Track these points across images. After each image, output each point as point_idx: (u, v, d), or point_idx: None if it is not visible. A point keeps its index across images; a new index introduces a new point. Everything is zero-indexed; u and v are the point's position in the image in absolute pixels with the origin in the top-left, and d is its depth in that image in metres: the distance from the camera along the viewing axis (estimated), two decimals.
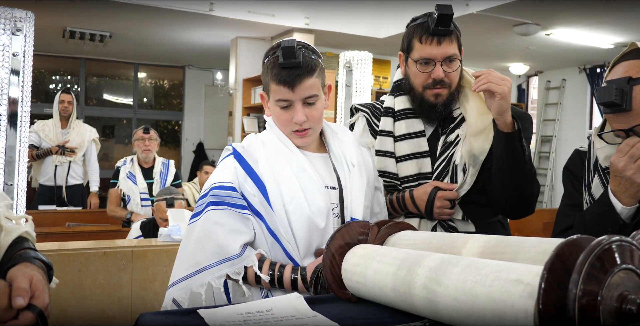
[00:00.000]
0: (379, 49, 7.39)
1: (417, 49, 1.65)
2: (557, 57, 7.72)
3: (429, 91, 1.67)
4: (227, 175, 1.41)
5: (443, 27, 1.60)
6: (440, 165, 1.71)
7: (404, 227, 1.25)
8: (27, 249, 1.13)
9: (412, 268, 0.95)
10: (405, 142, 1.74)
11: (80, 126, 5.23)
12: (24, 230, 1.18)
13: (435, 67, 1.63)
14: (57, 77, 9.11)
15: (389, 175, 1.75)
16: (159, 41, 7.45)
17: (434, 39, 1.61)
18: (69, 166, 5.11)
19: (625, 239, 0.73)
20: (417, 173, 1.72)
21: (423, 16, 1.68)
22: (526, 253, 0.94)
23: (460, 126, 1.72)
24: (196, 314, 1.00)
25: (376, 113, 1.82)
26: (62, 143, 5.03)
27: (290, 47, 1.37)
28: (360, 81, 4.78)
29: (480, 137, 1.67)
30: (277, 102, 1.43)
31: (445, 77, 1.64)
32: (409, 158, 1.73)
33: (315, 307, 1.05)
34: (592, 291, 0.68)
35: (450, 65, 1.64)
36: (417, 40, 1.65)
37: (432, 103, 1.68)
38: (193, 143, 9.46)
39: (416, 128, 1.74)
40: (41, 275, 1.04)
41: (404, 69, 1.75)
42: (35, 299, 0.98)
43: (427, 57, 1.63)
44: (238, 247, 1.35)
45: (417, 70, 1.66)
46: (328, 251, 1.16)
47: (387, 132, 1.76)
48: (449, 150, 1.71)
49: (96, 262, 2.64)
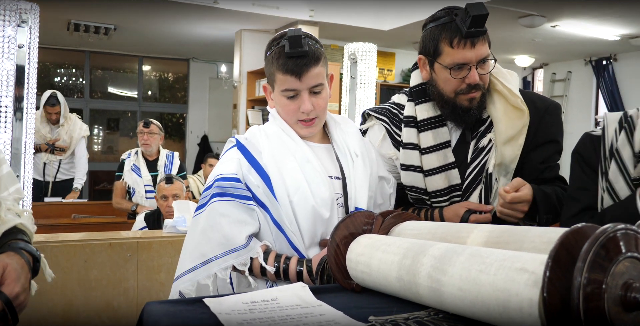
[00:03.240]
0: (383, 41, 7.38)
1: (447, 54, 1.48)
2: (562, 49, 7.68)
3: (462, 96, 1.52)
4: (231, 166, 1.42)
5: (477, 29, 1.44)
6: (472, 174, 1.59)
7: (409, 217, 1.25)
8: (18, 240, 1.15)
9: (417, 258, 0.95)
10: (433, 155, 1.59)
11: (71, 123, 5.06)
12: (19, 221, 1.20)
13: (470, 72, 1.48)
14: (62, 70, 9.12)
15: (416, 189, 1.62)
16: (164, 34, 7.45)
17: (467, 41, 1.45)
18: (59, 164, 5.03)
19: (630, 227, 0.72)
20: (448, 186, 1.59)
21: (446, 15, 1.50)
22: (531, 242, 0.94)
23: (490, 130, 1.59)
24: (202, 303, 1.00)
25: (395, 122, 1.66)
26: (52, 142, 4.94)
27: (297, 36, 1.37)
28: (365, 73, 4.78)
29: (510, 144, 1.55)
30: (284, 92, 1.42)
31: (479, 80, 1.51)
32: (438, 171, 1.59)
33: (320, 296, 1.05)
34: (597, 279, 0.68)
35: (484, 67, 1.51)
36: (446, 44, 1.48)
37: (467, 108, 1.54)
38: (197, 136, 9.48)
39: (442, 138, 1.60)
40: (20, 265, 1.07)
41: (427, 74, 1.59)
42: (4, 287, 1.01)
43: (461, 62, 1.47)
44: (244, 238, 1.36)
45: (449, 77, 1.50)
46: (332, 241, 1.17)
47: (412, 144, 1.60)
48: (480, 157, 1.58)
49: (102, 253, 2.65)
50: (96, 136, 9.45)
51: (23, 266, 1.08)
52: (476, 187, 1.58)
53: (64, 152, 5.02)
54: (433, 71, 1.56)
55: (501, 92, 1.57)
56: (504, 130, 1.55)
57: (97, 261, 2.64)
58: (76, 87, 9.07)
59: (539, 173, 1.62)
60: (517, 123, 1.55)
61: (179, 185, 3.58)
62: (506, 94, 1.57)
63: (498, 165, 1.57)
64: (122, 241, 2.73)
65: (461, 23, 1.45)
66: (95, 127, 9.41)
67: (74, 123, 5.09)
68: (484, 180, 1.58)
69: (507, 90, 1.57)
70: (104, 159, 9.37)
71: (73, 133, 5.04)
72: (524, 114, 1.56)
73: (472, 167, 1.59)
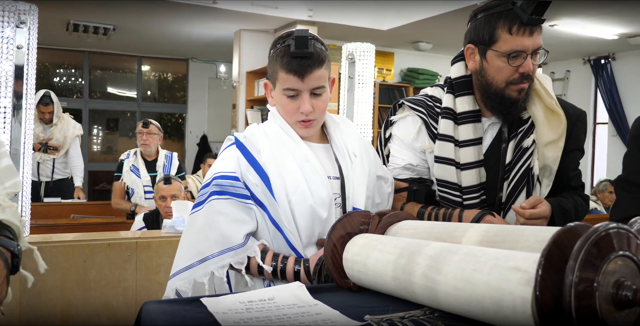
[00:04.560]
0: (382, 41, 7.38)
1: (505, 41, 1.47)
2: (561, 48, 7.68)
3: (512, 87, 1.51)
4: (229, 164, 1.42)
5: (538, 16, 1.44)
6: (518, 174, 1.58)
7: (405, 217, 1.26)
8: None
9: (412, 257, 0.96)
10: (470, 149, 1.58)
11: (64, 122, 5.04)
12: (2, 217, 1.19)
13: (525, 61, 1.47)
14: (61, 70, 9.12)
15: (447, 184, 1.60)
16: (163, 34, 7.45)
17: (527, 29, 1.45)
18: (53, 163, 5.02)
19: (622, 226, 0.73)
20: (479, 183, 1.58)
21: (501, 4, 1.49)
22: (525, 241, 0.94)
23: (532, 131, 1.58)
24: (199, 302, 1.01)
25: (432, 114, 1.64)
26: (45, 141, 4.92)
27: (303, 36, 1.37)
28: (363, 73, 4.77)
29: (552, 146, 1.56)
30: (285, 91, 1.43)
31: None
32: (474, 166, 1.58)
33: (316, 296, 1.06)
34: (588, 277, 0.69)
35: (535, 58, 1.51)
36: (504, 30, 1.47)
37: (515, 99, 1.52)
38: (197, 136, 9.48)
39: (479, 133, 1.59)
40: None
41: (474, 64, 1.57)
42: None
43: (519, 49, 1.46)
44: (241, 237, 1.36)
45: (504, 65, 1.49)
46: (329, 240, 1.17)
47: (448, 136, 1.59)
48: (525, 158, 1.58)
49: (101, 253, 2.66)
50: (95, 136, 9.45)
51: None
52: (523, 188, 1.58)
53: (57, 151, 5.00)
54: (485, 60, 1.53)
55: (538, 92, 1.58)
56: (546, 133, 1.56)
57: (96, 261, 2.65)
58: (75, 87, 9.07)
59: (569, 180, 1.64)
60: (557, 127, 1.55)
61: (177, 185, 3.58)
62: (543, 95, 1.57)
63: (542, 168, 1.57)
64: (121, 241, 2.73)
65: (520, 11, 1.44)
66: (95, 127, 9.41)
67: (67, 122, 5.08)
68: (530, 181, 1.57)
69: (544, 89, 1.58)
70: (103, 159, 9.37)
71: (67, 133, 5.03)
72: (562, 117, 1.56)
73: (517, 167, 1.58)
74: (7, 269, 1.14)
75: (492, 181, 1.60)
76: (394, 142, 1.71)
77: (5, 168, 1.29)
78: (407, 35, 7.14)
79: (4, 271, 1.11)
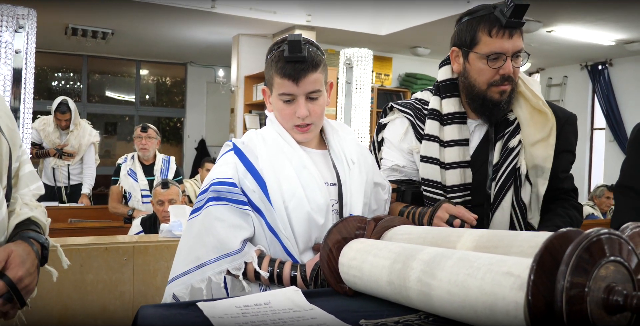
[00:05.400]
0: (380, 46, 7.41)
1: (485, 43, 1.52)
2: (558, 54, 7.72)
3: (494, 88, 1.55)
4: (227, 170, 1.42)
5: (517, 19, 1.49)
6: (504, 174, 1.60)
7: (400, 222, 1.27)
8: (29, 230, 1.22)
9: (407, 262, 0.97)
10: (455, 149, 1.62)
11: (81, 129, 5.08)
12: (32, 214, 1.27)
13: (505, 63, 1.52)
14: (59, 74, 9.13)
15: (432, 184, 1.63)
16: (161, 38, 7.47)
17: (506, 31, 1.50)
18: (68, 169, 5.06)
19: (614, 232, 0.74)
20: (462, 183, 1.61)
21: (484, 8, 1.55)
22: (519, 247, 0.95)
23: (518, 131, 1.62)
24: (195, 307, 1.01)
25: (419, 115, 1.69)
26: (60, 147, 4.97)
27: (296, 41, 1.38)
28: (361, 78, 4.80)
29: (540, 146, 1.59)
30: (281, 95, 1.43)
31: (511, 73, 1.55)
32: (457, 166, 1.61)
33: (312, 300, 1.07)
34: (580, 283, 0.70)
35: (517, 61, 1.55)
36: (484, 33, 1.52)
37: (497, 101, 1.56)
38: (195, 140, 9.49)
39: (464, 135, 1.63)
40: (26, 251, 1.13)
41: (458, 67, 1.62)
42: (8, 270, 1.08)
43: (499, 52, 1.51)
44: (238, 243, 1.36)
45: (485, 66, 1.54)
46: (325, 245, 1.18)
47: (433, 137, 1.64)
48: (511, 158, 1.60)
49: (98, 258, 2.66)
50: None
51: (29, 253, 1.14)
52: (509, 188, 1.60)
53: (72, 158, 5.04)
54: (467, 62, 1.58)
55: (524, 94, 1.61)
56: (532, 134, 1.59)
57: (93, 265, 2.65)
58: (74, 91, 9.08)
59: (559, 182, 1.65)
60: (544, 126, 1.58)
61: (175, 189, 3.59)
62: (529, 96, 1.61)
63: (532, 168, 1.59)
64: (118, 245, 2.73)
65: (500, 14, 1.50)
66: None
67: (83, 129, 5.12)
68: (517, 180, 1.60)
69: (530, 91, 1.61)
70: (102, 163, 9.26)
71: (82, 140, 5.07)
72: (549, 116, 1.59)
73: (504, 167, 1.60)
74: (39, 260, 1.18)
75: (480, 182, 1.62)
76: (385, 145, 1.76)
77: (29, 173, 1.38)
78: (405, 40, 7.16)
79: (35, 262, 1.15)
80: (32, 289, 1.14)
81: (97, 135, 5.22)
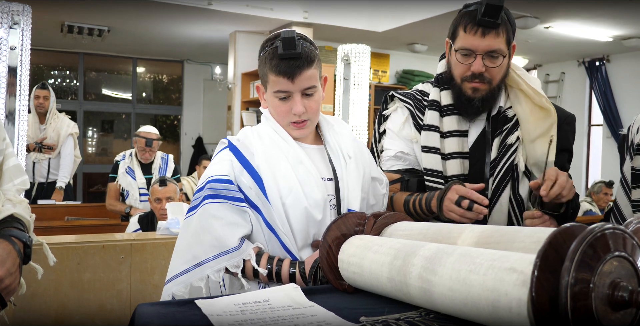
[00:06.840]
0: (378, 43, 7.39)
1: (460, 38, 1.55)
2: (556, 50, 7.72)
3: (467, 84, 1.58)
4: (223, 168, 1.41)
5: (490, 19, 1.49)
6: (502, 170, 1.61)
7: (400, 218, 1.26)
8: (11, 228, 1.20)
9: (408, 258, 0.95)
10: (454, 139, 1.63)
11: (58, 121, 5.01)
12: (14, 211, 1.24)
13: (475, 60, 1.53)
14: (55, 72, 9.10)
15: (433, 173, 1.64)
16: (158, 35, 7.44)
17: (479, 29, 1.51)
18: (49, 163, 4.98)
19: (618, 227, 0.73)
20: (462, 174, 1.63)
21: (475, 4, 1.56)
22: (521, 242, 0.94)
23: (517, 128, 1.62)
24: (193, 304, 1.00)
25: (419, 106, 1.71)
26: (39, 140, 4.90)
27: (290, 37, 1.36)
28: (358, 74, 4.79)
29: (540, 141, 1.58)
30: (276, 93, 1.42)
31: (485, 72, 1.55)
32: (457, 156, 1.63)
33: (312, 297, 1.05)
34: (585, 278, 0.69)
35: (493, 61, 1.54)
36: (462, 28, 1.55)
37: (470, 97, 1.59)
38: (192, 137, 9.47)
39: (462, 126, 1.65)
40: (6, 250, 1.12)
41: (448, 58, 1.66)
42: None
43: (468, 48, 1.53)
44: (236, 240, 1.35)
45: (457, 61, 1.57)
46: (324, 242, 1.17)
47: (433, 126, 1.65)
48: (509, 154, 1.61)
49: (95, 256, 2.65)
50: (90, 138, 9.42)
51: (10, 252, 1.12)
52: (507, 184, 1.61)
53: (52, 150, 4.96)
54: (450, 54, 1.63)
55: (526, 92, 1.62)
56: (532, 129, 1.59)
57: (90, 263, 2.64)
58: (70, 89, 9.05)
59: None
60: (544, 122, 1.59)
61: (172, 187, 3.57)
62: (531, 94, 1.61)
63: (533, 165, 1.60)
64: (116, 243, 2.72)
65: (477, 12, 1.52)
66: (90, 128, 9.38)
67: (61, 120, 5.04)
68: (515, 177, 1.60)
69: (532, 89, 1.62)
70: (98, 161, 9.34)
71: (60, 131, 4.99)
72: (550, 113, 1.60)
73: (501, 163, 1.61)
74: (21, 258, 1.16)
75: (477, 175, 1.63)
76: (387, 135, 1.76)
77: (13, 167, 1.35)
78: (402, 37, 7.15)
79: (17, 261, 1.14)
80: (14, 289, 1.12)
81: (75, 127, 5.11)
